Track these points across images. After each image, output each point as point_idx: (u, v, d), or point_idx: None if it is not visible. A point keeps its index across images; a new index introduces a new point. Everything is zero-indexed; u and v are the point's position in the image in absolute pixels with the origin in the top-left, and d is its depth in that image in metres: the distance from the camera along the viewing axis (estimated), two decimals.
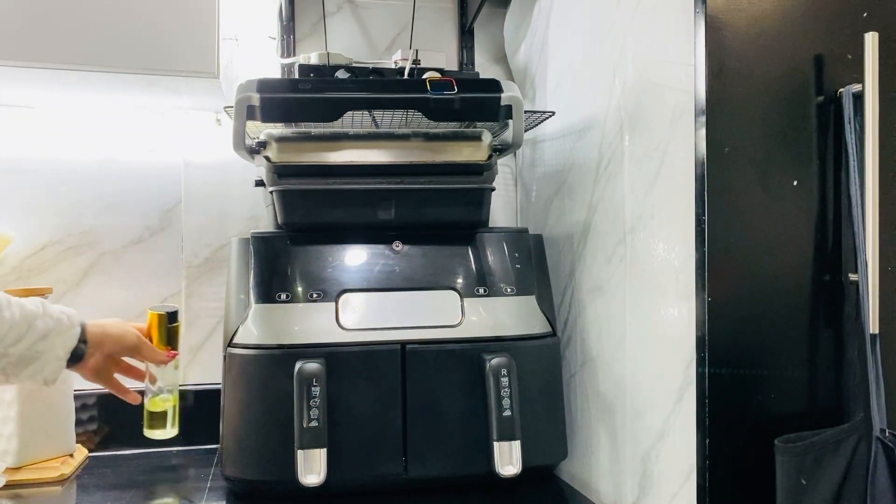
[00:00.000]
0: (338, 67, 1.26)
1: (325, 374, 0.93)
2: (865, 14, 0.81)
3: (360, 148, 1.07)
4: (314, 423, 0.91)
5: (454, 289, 1.06)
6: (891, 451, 0.73)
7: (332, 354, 0.98)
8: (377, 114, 1.14)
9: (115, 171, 1.37)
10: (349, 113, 1.04)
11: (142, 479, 1.15)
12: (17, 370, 0.90)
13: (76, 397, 1.25)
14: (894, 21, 0.81)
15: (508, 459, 0.95)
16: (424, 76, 1.14)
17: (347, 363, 0.99)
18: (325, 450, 0.91)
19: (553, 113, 1.25)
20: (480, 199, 1.08)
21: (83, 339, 0.94)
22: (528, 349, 1.05)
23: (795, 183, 0.80)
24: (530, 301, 1.09)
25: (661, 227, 0.90)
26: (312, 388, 0.92)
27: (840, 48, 0.81)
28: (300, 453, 0.91)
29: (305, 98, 0.99)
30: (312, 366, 0.93)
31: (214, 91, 1.19)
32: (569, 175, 1.21)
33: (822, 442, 0.75)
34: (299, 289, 1.02)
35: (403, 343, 1.01)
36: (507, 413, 0.96)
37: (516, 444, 0.96)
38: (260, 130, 1.08)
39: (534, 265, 1.12)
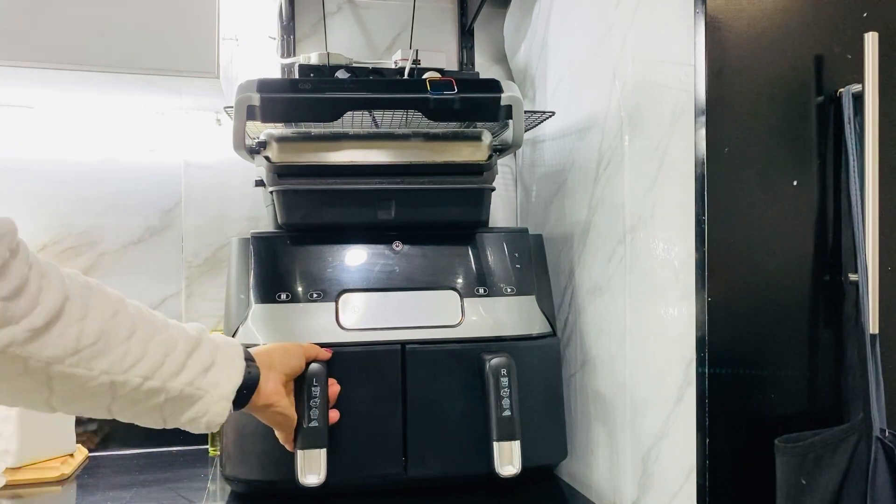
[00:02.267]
0: (338, 67, 1.26)
1: (325, 374, 0.93)
2: (865, 14, 0.81)
3: (360, 148, 1.07)
4: (314, 424, 0.91)
5: (454, 289, 1.06)
6: (891, 451, 0.73)
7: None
8: (377, 114, 1.14)
9: (115, 171, 1.37)
10: (349, 113, 1.04)
11: (142, 479, 1.15)
12: (176, 411, 0.71)
13: None
14: (894, 21, 0.81)
15: (508, 459, 0.95)
16: (424, 76, 1.14)
17: (347, 363, 0.99)
18: (325, 450, 0.91)
19: (553, 113, 1.25)
20: (480, 199, 1.08)
21: (250, 361, 0.79)
22: (528, 349, 1.05)
23: (795, 183, 0.80)
24: (530, 301, 1.09)
25: (661, 227, 0.90)
26: (313, 389, 0.92)
27: (840, 48, 0.80)
28: (300, 453, 0.90)
29: (305, 98, 0.99)
30: (313, 366, 0.93)
31: (214, 91, 1.19)
32: (569, 175, 1.21)
33: (822, 442, 0.75)
34: (299, 289, 1.02)
35: (403, 343, 1.01)
36: (507, 413, 0.96)
37: (516, 444, 0.95)
38: (260, 130, 1.08)
39: (534, 265, 1.12)
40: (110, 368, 0.64)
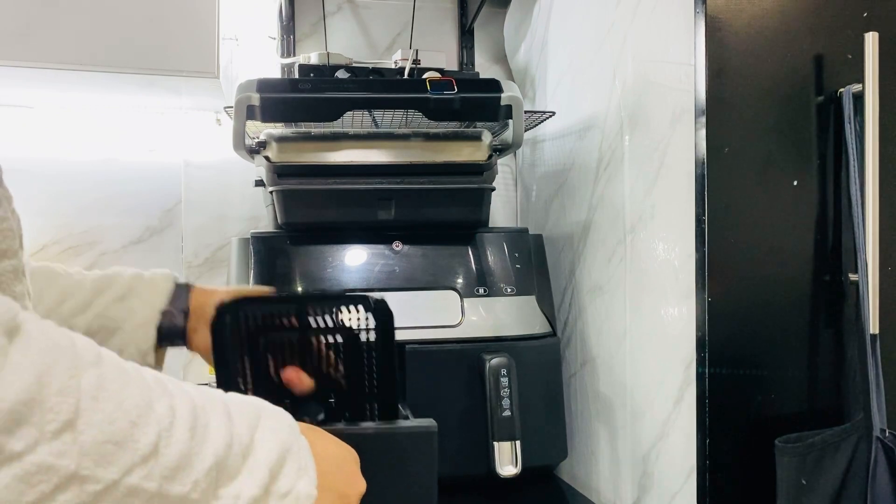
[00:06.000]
0: (338, 67, 1.26)
1: None
2: (865, 14, 0.81)
3: (360, 148, 1.07)
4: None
5: (454, 289, 1.05)
6: (891, 451, 0.73)
7: None
8: (377, 114, 1.14)
9: (115, 171, 1.37)
10: (349, 113, 1.04)
11: None
12: None
13: None
14: (894, 21, 0.81)
15: (508, 459, 0.95)
16: (424, 76, 1.14)
17: None
18: None
19: (553, 113, 1.25)
20: (480, 199, 1.08)
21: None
22: (528, 349, 1.05)
23: (795, 183, 0.80)
24: (530, 301, 1.09)
25: (661, 227, 0.90)
26: None
27: (840, 48, 0.80)
28: None
29: (305, 98, 0.99)
30: None
31: (214, 91, 1.19)
32: (569, 175, 1.21)
33: (822, 442, 0.75)
34: (299, 288, 1.02)
35: (403, 343, 1.00)
36: (507, 413, 0.96)
37: (516, 444, 0.95)
38: (260, 130, 1.08)
39: (534, 265, 1.12)
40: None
